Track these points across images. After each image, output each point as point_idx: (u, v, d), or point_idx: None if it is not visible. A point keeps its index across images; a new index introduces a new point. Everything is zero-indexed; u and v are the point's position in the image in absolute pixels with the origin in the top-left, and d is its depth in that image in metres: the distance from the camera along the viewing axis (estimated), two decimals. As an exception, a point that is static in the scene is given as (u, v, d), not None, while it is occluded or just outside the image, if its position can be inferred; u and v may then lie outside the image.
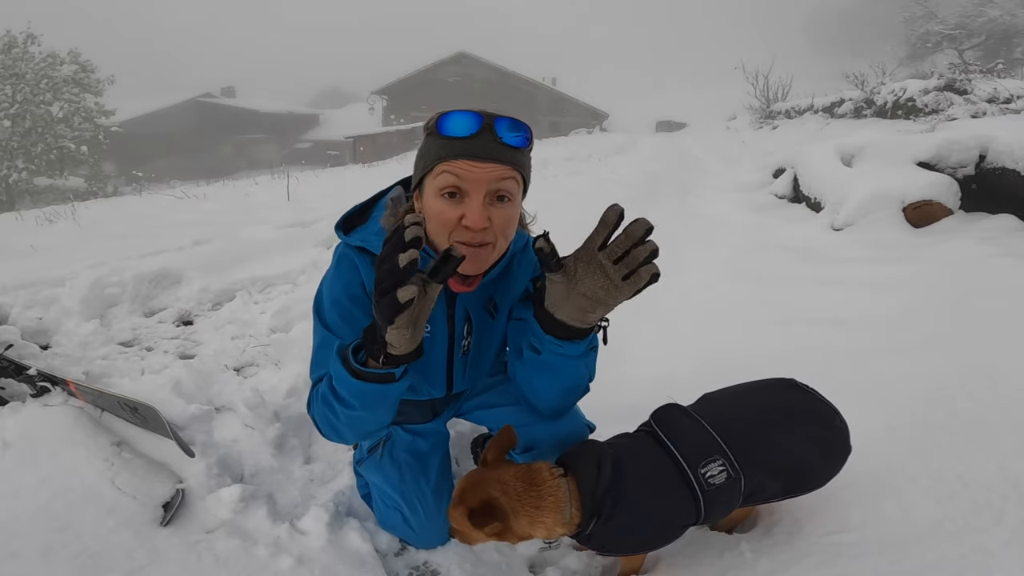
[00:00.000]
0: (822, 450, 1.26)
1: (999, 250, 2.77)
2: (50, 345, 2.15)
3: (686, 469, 1.19)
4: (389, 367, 1.02)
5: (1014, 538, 1.15)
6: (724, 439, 1.22)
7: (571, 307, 1.06)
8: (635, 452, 1.23)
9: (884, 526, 1.28)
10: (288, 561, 1.31)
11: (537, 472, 1.17)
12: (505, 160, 1.08)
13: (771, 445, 1.24)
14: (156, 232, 3.96)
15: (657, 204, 5.45)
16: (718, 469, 1.19)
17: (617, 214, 0.97)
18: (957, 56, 24.77)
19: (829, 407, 1.29)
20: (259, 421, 1.67)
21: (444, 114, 1.09)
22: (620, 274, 0.99)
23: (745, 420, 1.27)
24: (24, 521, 1.29)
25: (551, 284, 1.06)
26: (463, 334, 1.29)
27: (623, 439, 1.29)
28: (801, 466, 1.25)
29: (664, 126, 26.78)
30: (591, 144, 13.03)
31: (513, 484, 1.14)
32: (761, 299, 2.80)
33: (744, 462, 1.20)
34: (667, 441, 1.22)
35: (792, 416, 1.28)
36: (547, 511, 1.14)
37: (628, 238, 0.97)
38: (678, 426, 1.25)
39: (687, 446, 1.21)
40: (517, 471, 1.17)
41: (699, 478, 1.18)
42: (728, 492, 1.21)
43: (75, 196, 15.71)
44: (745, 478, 1.20)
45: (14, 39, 22.14)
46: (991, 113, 7.64)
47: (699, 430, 1.24)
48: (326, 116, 41.92)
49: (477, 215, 1.07)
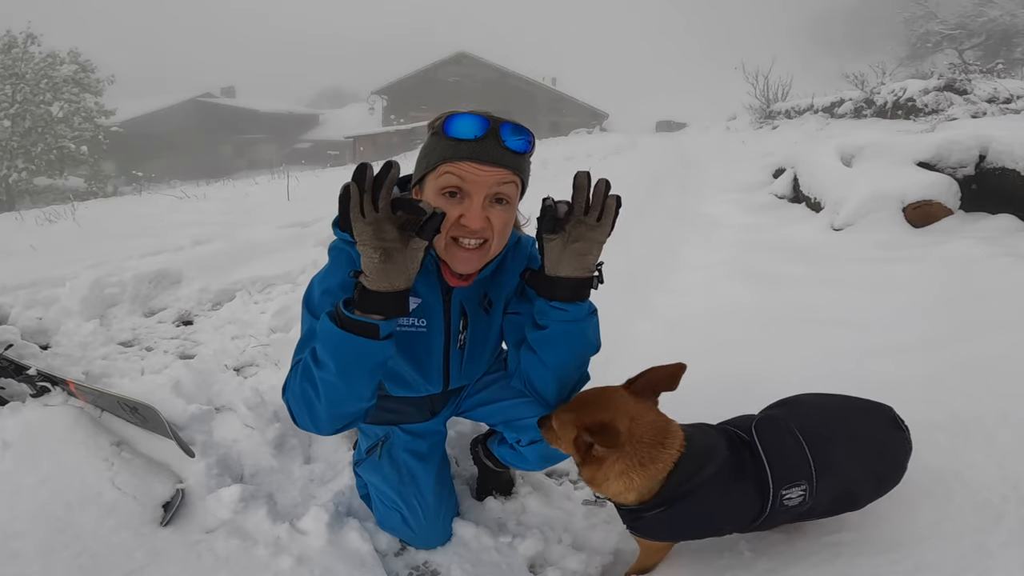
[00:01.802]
0: (879, 486, 1.27)
1: (999, 250, 2.77)
2: (50, 345, 2.15)
3: (770, 489, 1.17)
4: (369, 314, 1.01)
5: (1014, 538, 1.15)
6: (816, 465, 1.19)
7: (570, 258, 1.14)
8: (726, 458, 1.20)
9: (884, 526, 1.28)
10: (288, 561, 1.31)
11: (670, 435, 1.15)
12: (508, 164, 1.11)
13: (845, 476, 1.22)
14: (156, 232, 3.96)
15: (657, 204, 5.44)
16: (798, 493, 1.17)
17: (586, 176, 1.12)
18: (957, 56, 24.76)
19: (907, 450, 1.28)
20: (259, 421, 1.67)
21: (452, 115, 1.11)
22: (594, 217, 1.12)
23: (838, 447, 1.23)
24: (24, 521, 1.29)
25: (549, 245, 1.15)
26: (459, 328, 1.31)
27: (722, 438, 1.24)
28: (854, 496, 1.26)
29: (664, 126, 26.76)
30: (591, 144, 13.04)
31: (643, 429, 1.13)
32: (761, 299, 2.80)
33: (821, 490, 1.20)
34: (763, 456, 1.19)
35: (879, 455, 1.27)
36: (646, 475, 1.13)
37: (596, 195, 1.12)
38: (779, 444, 1.21)
39: (780, 468, 1.18)
40: (655, 420, 1.16)
41: (778, 498, 1.17)
42: (795, 512, 1.20)
43: (75, 196, 15.67)
44: (814, 503, 1.20)
45: (14, 39, 22.11)
46: (991, 113, 7.63)
47: (798, 452, 1.20)
48: (326, 116, 41.89)
49: (476, 216, 1.11)
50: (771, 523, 1.23)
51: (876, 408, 1.34)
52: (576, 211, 1.12)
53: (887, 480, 1.27)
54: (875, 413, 1.33)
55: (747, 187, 6.06)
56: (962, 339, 1.96)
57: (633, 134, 18.10)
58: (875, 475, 1.26)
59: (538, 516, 1.60)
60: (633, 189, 5.69)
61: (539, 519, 1.60)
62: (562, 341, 1.20)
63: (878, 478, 1.26)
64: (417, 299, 1.23)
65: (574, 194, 1.12)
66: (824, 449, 1.21)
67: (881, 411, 1.33)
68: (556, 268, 1.15)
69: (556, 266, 1.15)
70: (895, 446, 1.28)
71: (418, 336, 1.27)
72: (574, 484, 1.77)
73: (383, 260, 0.98)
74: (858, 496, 1.25)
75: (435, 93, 31.26)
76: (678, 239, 4.12)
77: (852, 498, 1.25)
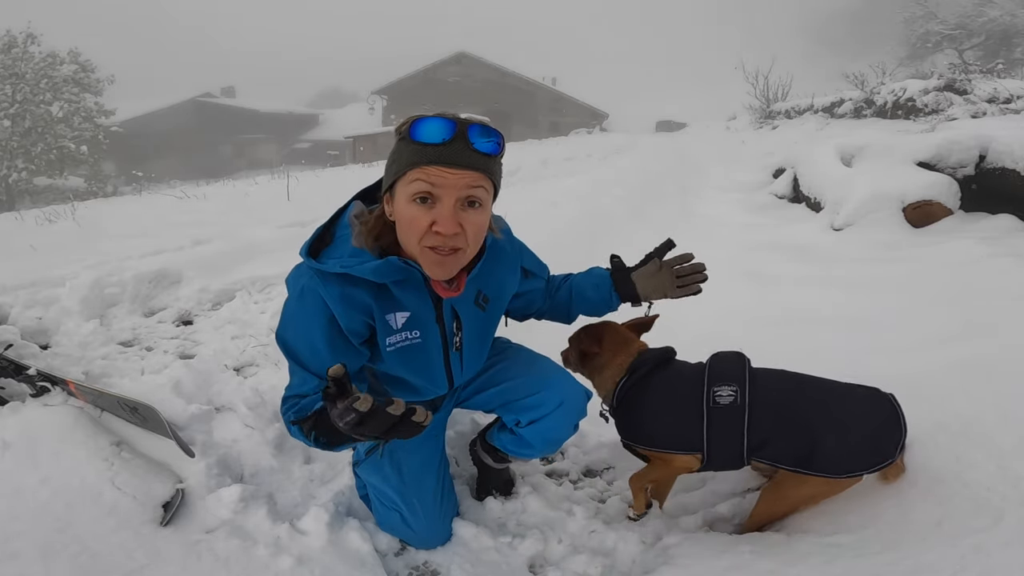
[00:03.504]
0: (851, 450, 1.29)
1: (999, 250, 2.76)
2: (50, 345, 2.15)
3: (704, 388, 1.39)
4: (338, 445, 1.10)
5: (1013, 539, 1.15)
6: (752, 380, 1.38)
7: (648, 286, 1.46)
8: (675, 367, 1.51)
9: (884, 526, 1.28)
10: (288, 561, 1.31)
11: (629, 344, 1.55)
12: (477, 167, 1.09)
13: (805, 412, 1.33)
14: (156, 232, 3.96)
15: (657, 204, 5.44)
16: (728, 392, 1.37)
17: (692, 256, 1.46)
18: (957, 56, 24.73)
19: (895, 430, 1.30)
20: (259, 421, 1.67)
21: (417, 119, 1.09)
22: (677, 283, 1.44)
23: (796, 384, 1.39)
24: (24, 521, 1.29)
25: (650, 265, 1.47)
26: (453, 331, 1.31)
27: (676, 363, 1.54)
28: (820, 449, 1.29)
29: (664, 126, 26.71)
30: (591, 144, 13.01)
31: (615, 343, 1.54)
32: (761, 299, 2.80)
33: (760, 403, 1.33)
34: (707, 370, 1.44)
35: (854, 417, 1.32)
36: (608, 370, 1.53)
37: (693, 267, 1.45)
38: (725, 363, 1.45)
39: (715, 372, 1.42)
40: (625, 336, 1.57)
41: (709, 395, 1.38)
42: (731, 417, 1.34)
43: (75, 196, 15.68)
44: (751, 412, 1.32)
45: (14, 39, 22.08)
46: (991, 113, 7.62)
47: (735, 364, 1.43)
48: (326, 116, 41.85)
49: (448, 221, 1.09)
50: (722, 440, 1.36)
51: (871, 390, 1.37)
52: (674, 262, 1.45)
53: (862, 450, 1.29)
54: (868, 392, 1.37)
55: (747, 187, 6.06)
56: (962, 339, 1.96)
57: (633, 134, 18.09)
58: (845, 432, 1.29)
59: (538, 516, 1.60)
60: (633, 189, 5.69)
61: (539, 519, 1.60)
62: (592, 310, 1.55)
63: (849, 440, 1.29)
64: (406, 313, 1.23)
65: (680, 254, 1.46)
66: (774, 378, 1.42)
67: (876, 393, 1.36)
68: (639, 280, 1.46)
69: (640, 278, 1.46)
70: (880, 422, 1.31)
71: (414, 347, 1.27)
72: (574, 484, 1.77)
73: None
74: (825, 448, 1.29)
75: (435, 93, 31.23)
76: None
77: (820, 449, 1.29)
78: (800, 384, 1.41)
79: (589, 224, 3.93)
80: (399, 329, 1.23)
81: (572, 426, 1.46)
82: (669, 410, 1.44)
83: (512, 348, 1.56)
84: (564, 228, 3.58)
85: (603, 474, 1.82)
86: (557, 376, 1.46)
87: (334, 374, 0.91)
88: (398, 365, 1.27)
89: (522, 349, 1.56)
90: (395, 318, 1.23)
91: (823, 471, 1.30)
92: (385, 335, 1.23)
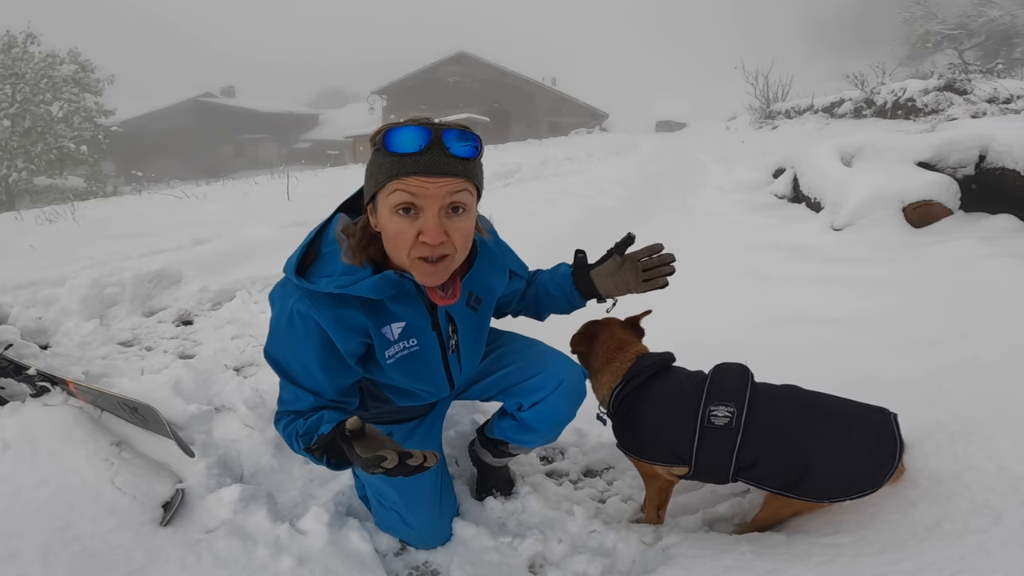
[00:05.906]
0: (842, 477, 1.28)
1: (999, 250, 2.76)
2: (50, 345, 2.15)
3: (701, 405, 1.35)
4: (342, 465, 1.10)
5: (1013, 539, 1.15)
6: (752, 400, 1.34)
7: (609, 283, 1.44)
8: (673, 381, 1.46)
9: (883, 527, 1.28)
10: (288, 561, 1.31)
11: (626, 347, 1.52)
12: (457, 173, 1.06)
13: (800, 447, 1.29)
14: (156, 232, 3.95)
15: (657, 204, 5.44)
16: (724, 413, 1.33)
17: (662, 247, 1.43)
18: (957, 56, 24.73)
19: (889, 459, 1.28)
20: (259, 421, 1.67)
21: (390, 129, 1.06)
22: (642, 277, 1.41)
23: (797, 406, 1.35)
24: (24, 521, 1.29)
25: (610, 262, 1.44)
26: (449, 334, 1.31)
27: (677, 371, 1.50)
28: (812, 474, 1.28)
29: (664, 126, 26.72)
30: (591, 144, 13.02)
31: (611, 342, 1.53)
32: (761, 298, 2.80)
33: (756, 426, 1.30)
34: (707, 385, 1.40)
35: (850, 444, 1.29)
36: (604, 375, 1.51)
37: (660, 259, 1.42)
38: (727, 378, 1.40)
39: (714, 390, 1.38)
40: (623, 338, 1.54)
41: (705, 414, 1.35)
42: (724, 439, 1.31)
43: (75, 196, 15.68)
44: (744, 435, 1.30)
45: (14, 39, 22.06)
46: (991, 113, 7.64)
47: (737, 381, 1.38)
48: (326, 116, 41.83)
49: (434, 231, 1.07)
50: (711, 457, 1.34)
51: (874, 410, 1.34)
52: (639, 255, 1.41)
53: (851, 480, 1.28)
54: (869, 412, 1.34)
55: (747, 187, 6.06)
56: (962, 339, 1.96)
57: (633, 134, 18.10)
58: (838, 461, 1.28)
59: (538, 516, 1.60)
60: (633, 189, 5.70)
61: (539, 519, 1.59)
62: (558, 309, 1.55)
63: (840, 472, 1.28)
64: (401, 323, 1.22)
65: (647, 246, 1.42)
66: (774, 395, 1.37)
67: (881, 417, 1.33)
68: (599, 278, 1.45)
69: (600, 276, 1.45)
70: (878, 452, 1.28)
71: (413, 355, 1.27)
72: (574, 484, 1.77)
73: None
74: (816, 476, 1.28)
75: (435, 93, 31.24)
76: (678, 239, 4.12)
77: (811, 476, 1.28)
78: (801, 407, 1.36)
79: (589, 224, 3.93)
80: (396, 340, 1.23)
81: (573, 406, 1.45)
82: (663, 426, 1.41)
83: (505, 335, 1.55)
84: (564, 228, 3.58)
85: (603, 474, 1.82)
86: (554, 358, 1.46)
87: (352, 427, 0.97)
88: (399, 375, 1.27)
89: (516, 336, 1.55)
90: (391, 329, 1.22)
91: (807, 496, 1.31)
92: (383, 348, 1.23)
